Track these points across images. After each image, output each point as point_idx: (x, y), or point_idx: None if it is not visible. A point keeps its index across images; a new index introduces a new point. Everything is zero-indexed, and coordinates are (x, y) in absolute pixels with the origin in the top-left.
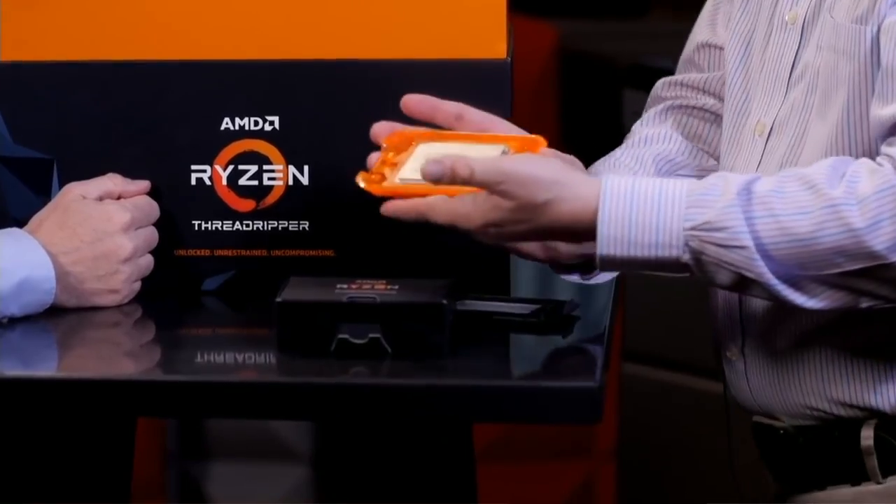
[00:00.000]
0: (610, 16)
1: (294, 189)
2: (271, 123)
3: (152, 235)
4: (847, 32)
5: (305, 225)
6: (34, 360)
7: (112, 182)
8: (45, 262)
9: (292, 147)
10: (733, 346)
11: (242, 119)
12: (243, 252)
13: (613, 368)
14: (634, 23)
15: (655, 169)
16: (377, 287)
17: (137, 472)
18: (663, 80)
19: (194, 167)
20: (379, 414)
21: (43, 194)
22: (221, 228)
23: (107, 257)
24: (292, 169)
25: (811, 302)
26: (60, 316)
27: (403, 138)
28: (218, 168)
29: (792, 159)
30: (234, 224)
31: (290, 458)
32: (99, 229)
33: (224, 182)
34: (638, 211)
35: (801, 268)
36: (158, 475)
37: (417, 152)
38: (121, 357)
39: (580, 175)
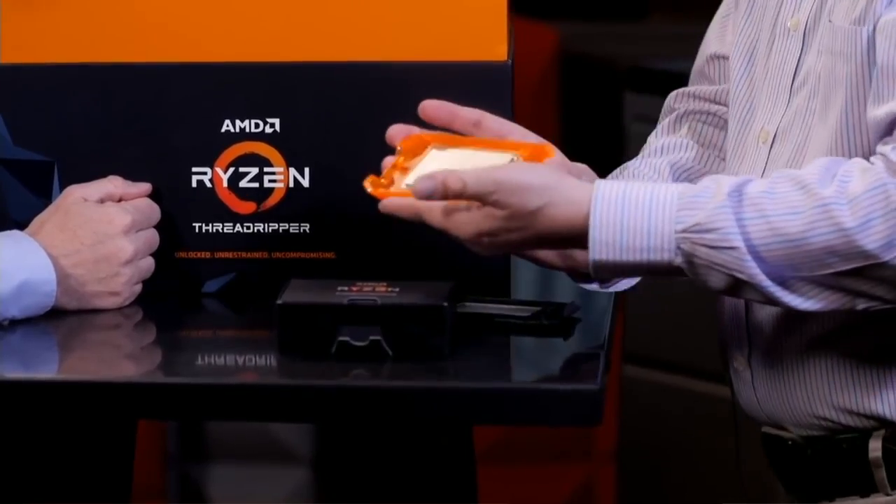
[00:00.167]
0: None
1: (295, 191)
2: (272, 125)
3: (153, 238)
4: (844, 34)
5: (306, 227)
6: (35, 363)
7: (113, 184)
8: (46, 265)
9: (293, 149)
10: (740, 357)
11: (243, 121)
12: (244, 254)
13: (614, 371)
14: (634, 25)
15: (673, 177)
16: (378, 289)
17: (138, 475)
18: (675, 92)
19: (195, 169)
20: (379, 416)
21: (43, 196)
22: (222, 231)
23: (107, 260)
24: (293, 171)
25: (806, 303)
26: (61, 318)
27: (419, 142)
28: (218, 170)
29: (796, 165)
30: (235, 226)
31: (291, 461)
32: (100, 232)
33: (225, 184)
34: (629, 215)
35: (794, 268)
36: (159, 477)
37: (429, 158)
38: (121, 359)
39: (572, 180)
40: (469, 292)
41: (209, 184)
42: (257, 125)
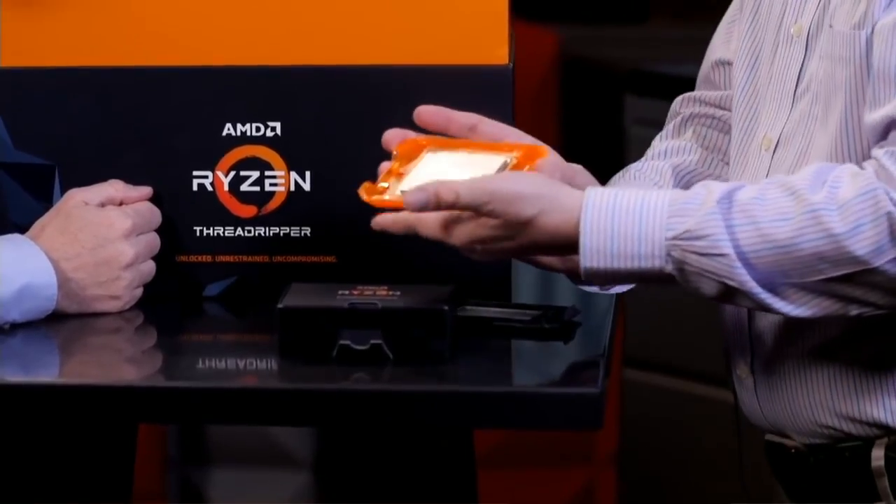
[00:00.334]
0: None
1: (295, 195)
2: (273, 129)
3: (154, 241)
4: (843, 38)
5: (307, 231)
6: (35, 367)
7: (114, 188)
8: (47, 269)
9: (294, 153)
10: (743, 364)
11: (244, 125)
12: (245, 258)
13: (614, 374)
14: (635, 29)
15: (675, 180)
16: (378, 293)
17: (138, 478)
18: (682, 97)
19: (196, 173)
20: (380, 420)
21: (44, 200)
22: (223, 234)
23: (108, 263)
24: (294, 175)
25: (797, 310)
26: (62, 322)
27: (414, 146)
28: (219, 174)
29: (797, 172)
30: (236, 230)
31: (291, 464)
32: (100, 235)
33: (226, 188)
34: (620, 222)
35: (784, 275)
36: (159, 481)
37: (424, 162)
38: (122, 363)
39: (565, 188)
40: (470, 296)
41: (210, 187)
42: (258, 129)
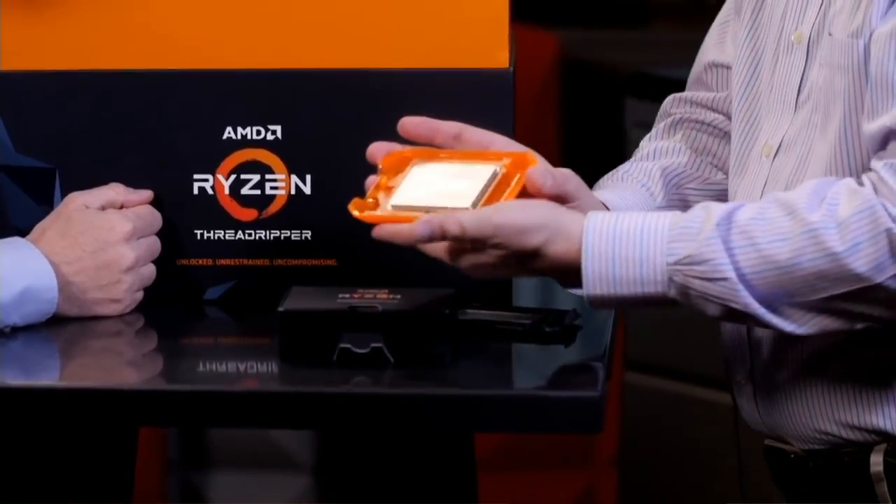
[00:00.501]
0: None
1: (296, 198)
2: (273, 133)
3: (154, 245)
4: (842, 47)
5: (308, 234)
6: (36, 370)
7: (114, 191)
8: (48, 272)
9: (294, 156)
10: (742, 371)
11: (245, 128)
12: (245, 261)
13: (615, 378)
14: (636, 32)
15: (664, 182)
16: (379, 296)
17: (139, 481)
18: (673, 97)
19: (196, 176)
20: (380, 423)
21: (45, 203)
22: (223, 238)
23: (109, 267)
24: (294, 178)
25: (802, 328)
26: (62, 325)
27: (400, 158)
28: (220, 177)
29: (798, 179)
30: (237, 233)
31: (292, 467)
32: (101, 239)
33: (226, 191)
34: (621, 245)
35: (787, 294)
36: (160, 484)
37: (412, 175)
38: (123, 366)
39: (568, 214)
40: (470, 299)
41: (211, 191)
42: (259, 132)
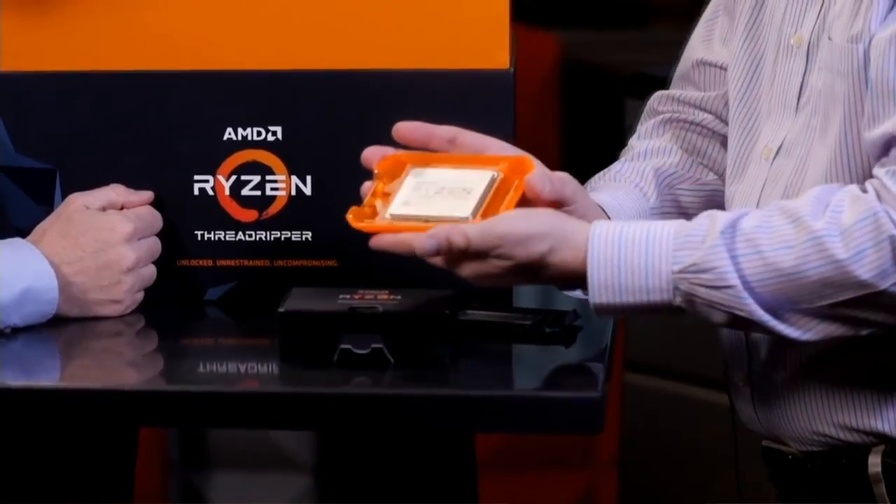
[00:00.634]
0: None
1: (297, 199)
2: (274, 133)
3: (155, 246)
4: (841, 52)
5: (308, 235)
6: (36, 370)
7: (115, 192)
8: (48, 273)
9: (295, 157)
10: (740, 373)
11: (245, 129)
12: (246, 262)
13: (615, 378)
14: (636, 33)
15: (657, 182)
16: (379, 297)
17: (139, 482)
18: (660, 94)
19: (197, 177)
20: (381, 423)
21: (45, 204)
22: (224, 239)
23: (109, 267)
24: (295, 179)
25: (807, 335)
26: (63, 326)
27: (395, 163)
28: (221, 178)
29: (797, 183)
30: (237, 234)
31: (292, 468)
32: (102, 240)
33: (227, 192)
34: (626, 253)
35: (792, 302)
36: (160, 485)
37: (408, 181)
38: (123, 367)
39: (572, 222)
40: (471, 300)
41: (211, 192)
42: (259, 133)
